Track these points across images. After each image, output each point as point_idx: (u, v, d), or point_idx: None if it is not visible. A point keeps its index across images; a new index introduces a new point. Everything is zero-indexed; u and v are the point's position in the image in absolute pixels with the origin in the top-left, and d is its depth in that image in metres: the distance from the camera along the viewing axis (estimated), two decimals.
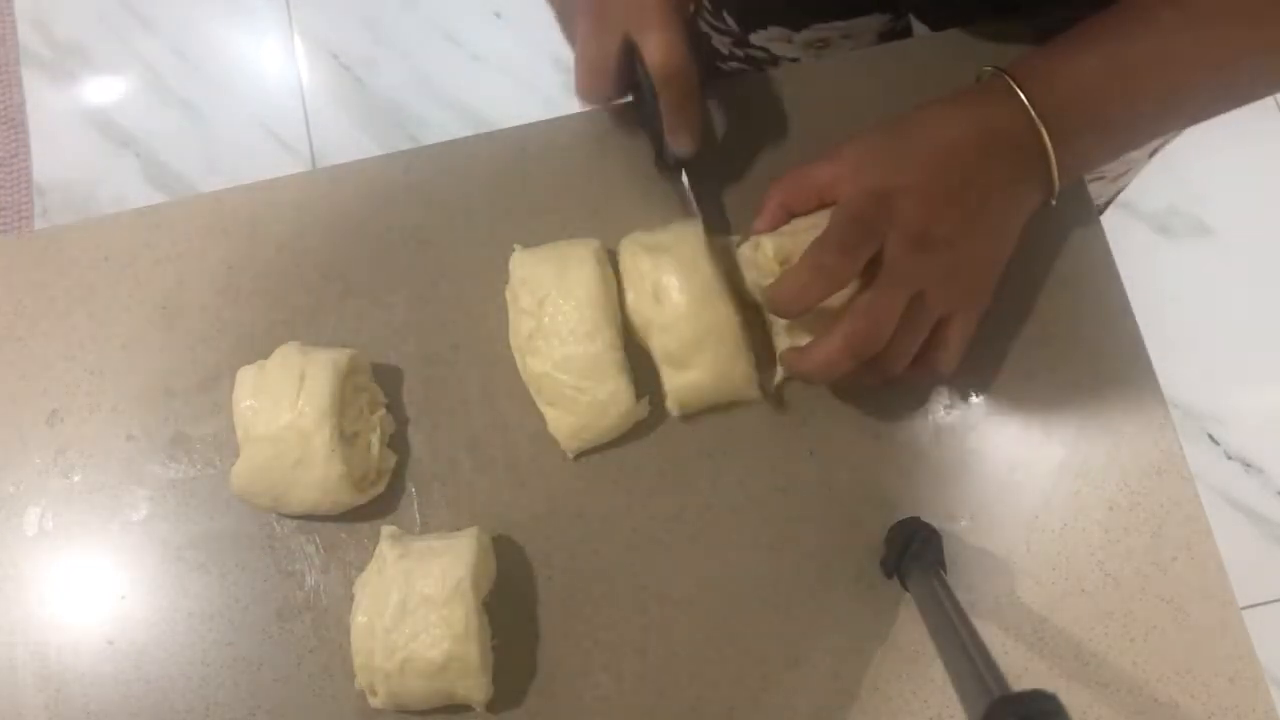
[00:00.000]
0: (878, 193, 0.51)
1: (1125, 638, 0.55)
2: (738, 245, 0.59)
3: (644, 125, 0.62)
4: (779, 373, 0.57)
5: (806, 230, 0.56)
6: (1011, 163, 0.52)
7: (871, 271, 0.51)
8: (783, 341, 0.56)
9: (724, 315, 0.55)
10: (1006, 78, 0.52)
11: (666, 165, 0.61)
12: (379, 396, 0.59)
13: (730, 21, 0.82)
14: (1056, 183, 0.53)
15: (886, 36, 0.82)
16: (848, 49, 0.82)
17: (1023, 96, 0.51)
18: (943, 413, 0.58)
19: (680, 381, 0.56)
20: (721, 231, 0.61)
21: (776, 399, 0.59)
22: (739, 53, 0.85)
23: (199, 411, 0.60)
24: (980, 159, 0.52)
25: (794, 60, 0.83)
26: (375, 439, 0.57)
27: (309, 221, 0.63)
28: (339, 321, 0.61)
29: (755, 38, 0.82)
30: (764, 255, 0.56)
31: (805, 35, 0.80)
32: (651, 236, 0.58)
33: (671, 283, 0.55)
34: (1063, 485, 0.57)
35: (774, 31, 0.80)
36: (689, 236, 0.57)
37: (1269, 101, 1.60)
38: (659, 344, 0.56)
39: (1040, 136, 0.51)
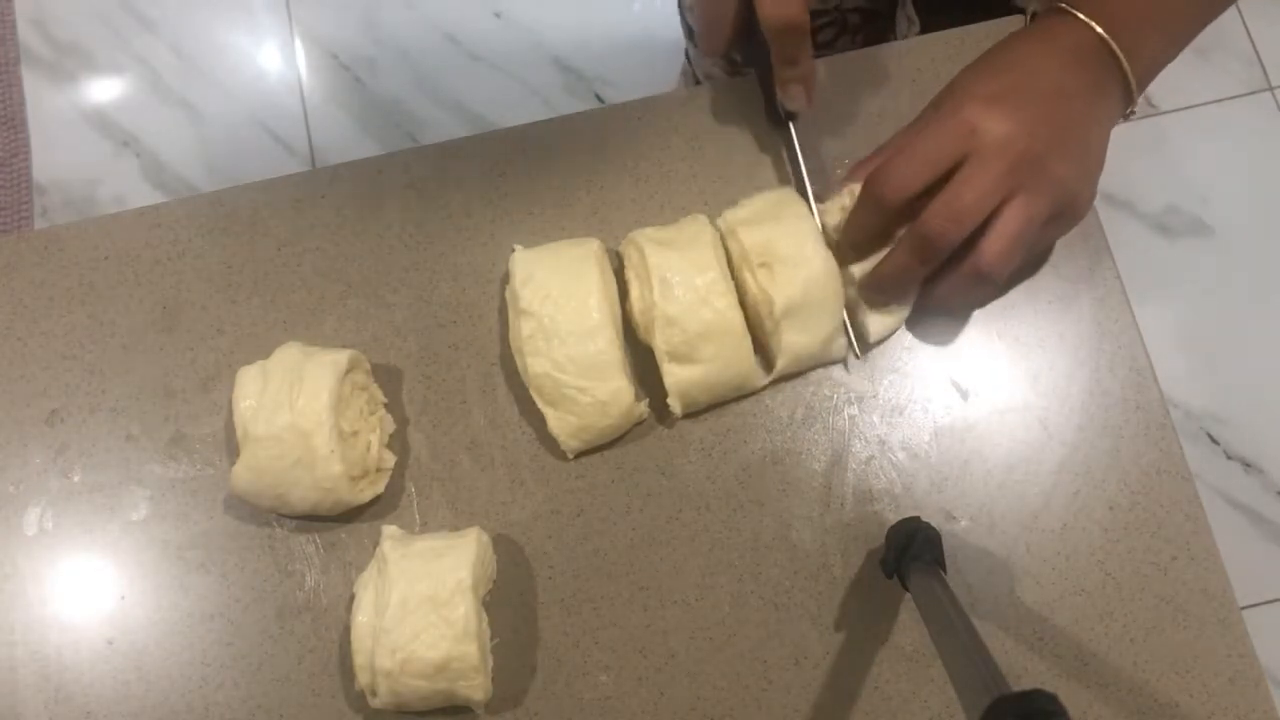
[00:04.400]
0: (970, 106, 0.52)
1: (1125, 638, 0.55)
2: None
3: (758, 79, 0.63)
4: (776, 369, 0.58)
5: (782, 219, 0.57)
6: (1094, 75, 0.54)
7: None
8: (786, 337, 0.56)
9: (729, 309, 0.55)
10: (1064, 6, 0.54)
11: (778, 120, 0.62)
12: (379, 396, 0.59)
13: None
14: (1135, 89, 0.54)
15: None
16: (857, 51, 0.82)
17: (1082, 17, 0.53)
18: (943, 413, 0.58)
19: (684, 376, 0.56)
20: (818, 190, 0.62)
21: (774, 399, 0.59)
22: None
23: (199, 411, 0.60)
24: (1066, 70, 0.53)
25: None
26: (375, 439, 0.57)
27: (309, 221, 0.63)
28: (339, 321, 0.61)
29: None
30: (739, 244, 0.56)
31: None
32: (659, 231, 0.58)
33: (678, 277, 0.55)
34: (1063, 485, 0.57)
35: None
36: (697, 231, 0.57)
37: (1269, 101, 1.60)
38: (663, 339, 0.55)
39: (1112, 51, 0.53)
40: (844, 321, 0.58)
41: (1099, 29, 0.53)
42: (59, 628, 0.57)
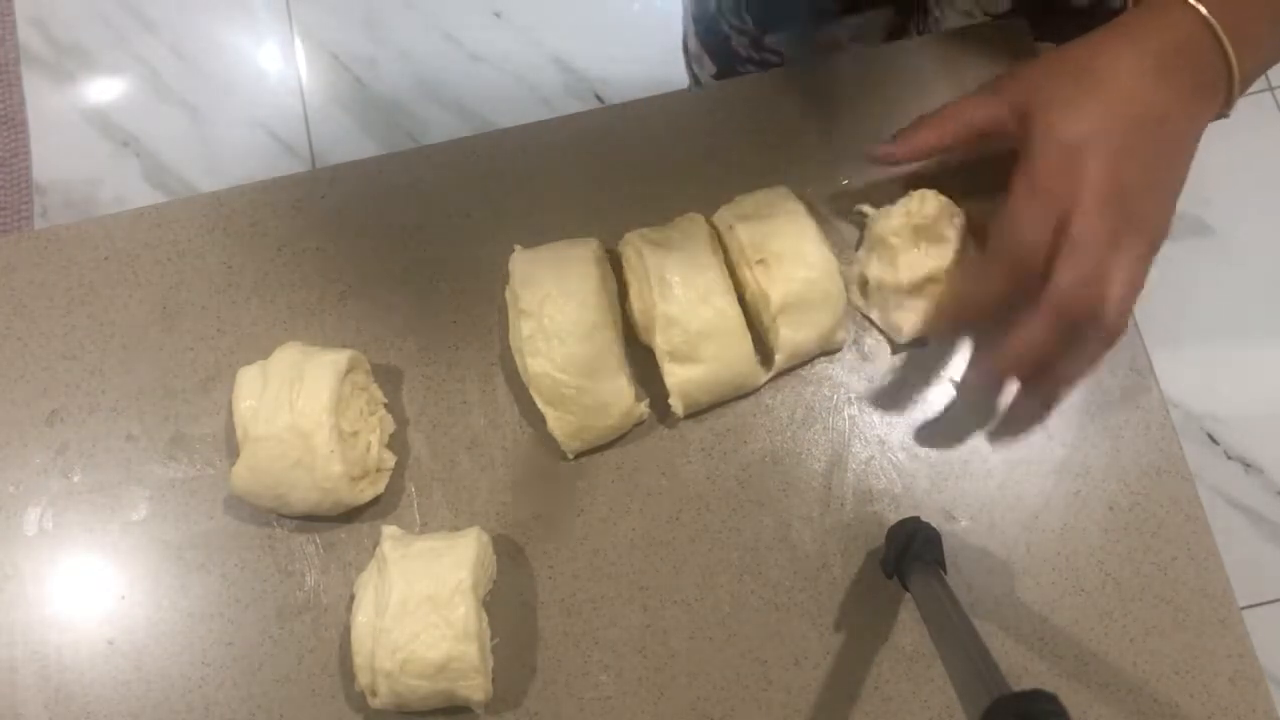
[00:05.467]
0: (1061, 147, 0.48)
1: (1125, 638, 0.55)
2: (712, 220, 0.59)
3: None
4: (775, 365, 0.58)
5: (779, 216, 0.56)
6: (1191, 79, 0.49)
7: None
8: (784, 334, 0.56)
9: (729, 308, 0.55)
10: None
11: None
12: (379, 396, 0.59)
13: (748, 20, 0.82)
14: (1237, 89, 0.49)
15: (894, 35, 0.82)
16: (857, 51, 0.82)
17: (1193, 2, 0.48)
18: (943, 412, 0.58)
19: (685, 376, 0.56)
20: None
21: (774, 399, 0.59)
22: (755, 55, 0.86)
23: (199, 411, 0.60)
24: (1159, 84, 0.48)
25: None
26: (375, 439, 0.57)
27: (309, 221, 0.63)
28: (339, 321, 0.61)
29: (769, 40, 0.83)
30: (736, 240, 0.57)
31: (818, 37, 0.81)
32: (655, 232, 0.58)
33: (677, 277, 0.55)
34: (1063, 485, 0.57)
35: (787, 35, 0.81)
36: (693, 230, 0.57)
37: (1269, 101, 1.60)
38: (663, 339, 0.55)
39: (1219, 42, 0.48)
40: (844, 314, 0.58)
41: (1205, 11, 0.47)
42: (59, 628, 0.57)
